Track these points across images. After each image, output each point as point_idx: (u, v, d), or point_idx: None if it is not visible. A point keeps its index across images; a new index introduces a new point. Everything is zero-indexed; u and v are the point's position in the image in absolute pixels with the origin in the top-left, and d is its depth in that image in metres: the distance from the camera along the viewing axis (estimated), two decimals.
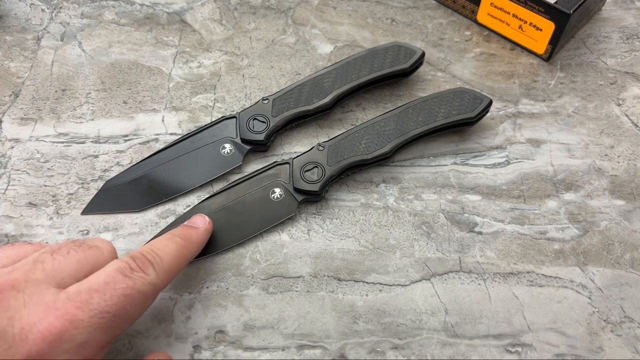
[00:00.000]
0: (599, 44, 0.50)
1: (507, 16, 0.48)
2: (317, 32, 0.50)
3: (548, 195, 0.40)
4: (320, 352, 0.34)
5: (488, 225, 0.39)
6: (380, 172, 0.42)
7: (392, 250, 0.38)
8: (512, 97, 0.46)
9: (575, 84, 0.47)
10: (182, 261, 0.32)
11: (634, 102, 0.46)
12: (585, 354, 0.34)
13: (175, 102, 0.45)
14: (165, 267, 0.30)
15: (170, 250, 0.31)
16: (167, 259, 0.31)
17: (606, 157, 0.42)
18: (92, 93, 0.45)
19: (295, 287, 0.36)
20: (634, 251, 0.38)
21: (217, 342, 0.34)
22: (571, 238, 0.38)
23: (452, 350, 0.34)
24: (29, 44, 0.49)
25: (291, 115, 0.42)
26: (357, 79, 0.43)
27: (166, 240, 0.32)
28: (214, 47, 0.49)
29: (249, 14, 0.52)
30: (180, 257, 0.32)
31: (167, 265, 0.30)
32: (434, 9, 0.52)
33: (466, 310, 0.35)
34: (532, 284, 0.36)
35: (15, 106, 0.44)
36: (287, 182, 0.39)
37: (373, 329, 0.35)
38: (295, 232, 0.39)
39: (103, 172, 0.41)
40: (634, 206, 0.40)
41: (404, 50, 0.44)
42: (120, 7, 0.52)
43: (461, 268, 0.37)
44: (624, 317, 0.35)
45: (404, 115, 0.41)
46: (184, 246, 0.32)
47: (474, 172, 0.42)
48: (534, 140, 0.43)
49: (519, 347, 0.34)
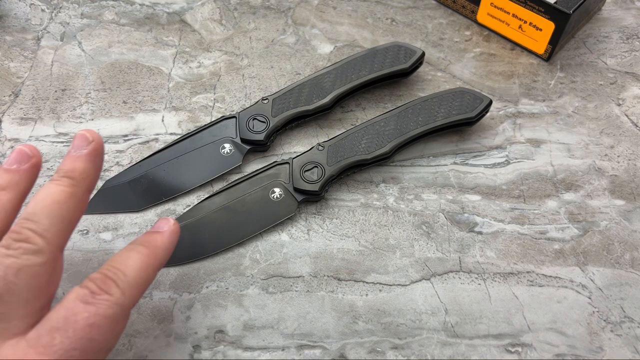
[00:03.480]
0: (599, 44, 0.50)
1: (507, 16, 0.48)
2: (317, 32, 0.50)
3: (548, 195, 0.40)
4: (320, 352, 0.34)
5: (488, 225, 0.39)
6: (380, 172, 0.42)
7: (392, 250, 0.38)
8: (512, 97, 0.46)
9: (575, 84, 0.47)
10: (149, 271, 0.28)
11: (634, 102, 0.46)
12: (585, 354, 0.34)
13: (175, 102, 0.45)
14: (131, 282, 0.27)
15: (133, 262, 0.28)
16: (132, 273, 0.27)
17: (606, 157, 0.42)
18: (92, 93, 0.45)
19: (295, 287, 0.36)
20: (634, 251, 0.38)
21: (217, 342, 0.34)
22: (571, 238, 0.38)
23: (452, 350, 0.34)
24: (29, 44, 0.49)
25: (291, 115, 0.42)
26: (357, 79, 0.43)
27: (127, 252, 0.29)
28: (214, 47, 0.49)
29: (249, 14, 0.52)
30: (146, 267, 0.28)
31: (133, 279, 0.27)
32: (434, 9, 0.52)
33: (466, 310, 0.35)
34: (532, 284, 0.36)
35: (15, 106, 0.44)
36: (287, 182, 0.39)
37: (373, 328, 0.35)
38: (295, 232, 0.39)
39: (103, 172, 0.41)
40: (634, 206, 0.40)
41: (404, 50, 0.44)
42: (120, 7, 0.52)
43: (461, 268, 0.37)
44: (624, 317, 0.35)
45: (404, 115, 0.41)
46: (149, 254, 0.29)
47: (474, 172, 0.42)
48: (534, 140, 0.43)
49: (519, 347, 0.34)
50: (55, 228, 0.27)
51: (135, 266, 0.28)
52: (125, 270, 0.27)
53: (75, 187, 0.28)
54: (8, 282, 0.25)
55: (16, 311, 0.25)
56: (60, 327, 0.25)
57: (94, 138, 0.30)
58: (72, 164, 0.29)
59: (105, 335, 0.26)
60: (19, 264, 0.25)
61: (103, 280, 0.27)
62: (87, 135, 0.30)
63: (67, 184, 0.28)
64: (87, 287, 0.26)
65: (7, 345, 0.24)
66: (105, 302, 0.26)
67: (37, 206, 0.27)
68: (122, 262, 0.28)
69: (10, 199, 0.28)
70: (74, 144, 0.29)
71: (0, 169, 0.29)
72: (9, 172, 0.28)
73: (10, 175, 0.28)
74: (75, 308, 0.25)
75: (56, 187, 0.28)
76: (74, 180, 0.28)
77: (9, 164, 0.29)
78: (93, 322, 0.25)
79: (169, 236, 0.30)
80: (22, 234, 0.26)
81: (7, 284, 0.25)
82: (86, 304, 0.25)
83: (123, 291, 0.27)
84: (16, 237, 0.26)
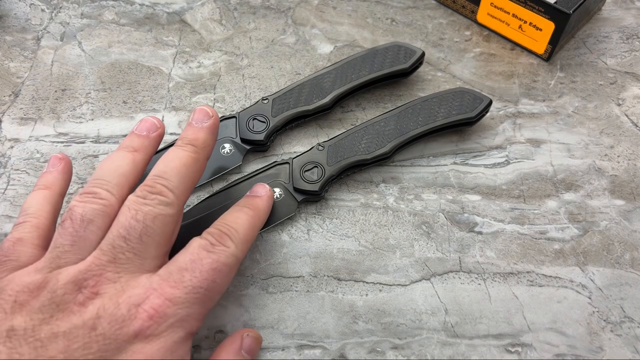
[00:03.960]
0: (599, 44, 0.50)
1: (507, 16, 0.48)
2: (317, 32, 0.50)
3: (548, 195, 0.40)
4: (320, 352, 0.34)
5: (488, 225, 0.39)
6: (380, 172, 0.42)
7: (392, 250, 0.38)
8: (512, 97, 0.46)
9: (575, 84, 0.47)
10: (254, 229, 0.33)
11: (634, 102, 0.46)
12: (585, 354, 0.34)
13: (175, 102, 0.45)
14: (242, 237, 0.31)
15: (242, 222, 0.32)
16: (242, 230, 0.32)
17: (606, 157, 0.42)
18: (92, 93, 0.45)
19: (295, 287, 0.36)
20: (634, 251, 0.38)
21: (217, 342, 0.34)
22: (571, 238, 0.38)
23: (452, 350, 0.34)
24: (28, 44, 0.49)
25: (291, 115, 0.42)
26: (357, 79, 0.43)
27: (236, 212, 0.33)
28: (214, 47, 0.49)
29: (249, 14, 0.52)
30: (252, 225, 0.33)
31: (243, 236, 0.31)
32: (434, 9, 0.52)
33: (466, 310, 0.35)
34: (532, 284, 0.36)
35: (15, 106, 0.44)
36: (286, 182, 0.39)
37: (373, 328, 0.35)
38: (295, 232, 0.39)
39: None
40: (634, 206, 0.40)
41: (403, 50, 0.44)
42: (120, 7, 0.52)
43: (461, 268, 0.37)
44: (624, 317, 0.35)
45: (404, 115, 0.41)
46: (253, 215, 0.33)
47: (473, 172, 0.42)
48: (534, 140, 0.43)
49: (519, 347, 0.34)
50: (182, 186, 0.31)
51: (244, 224, 0.32)
52: (236, 227, 0.31)
53: (198, 154, 0.32)
54: (147, 226, 0.29)
55: (150, 251, 0.29)
56: (188, 268, 0.28)
57: (214, 114, 0.34)
58: (195, 134, 0.33)
59: (224, 279, 0.29)
60: (155, 212, 0.29)
61: (220, 235, 0.30)
62: (208, 111, 0.34)
63: (191, 150, 0.32)
64: (207, 239, 0.30)
65: (143, 277, 0.28)
66: (223, 251, 0.30)
67: (167, 166, 0.31)
68: (233, 221, 0.32)
69: (142, 159, 0.33)
70: (195, 116, 0.34)
71: (132, 134, 0.34)
72: (140, 137, 0.33)
73: (141, 139, 0.33)
74: (200, 254, 0.29)
75: (183, 151, 0.32)
76: (197, 147, 0.32)
77: (140, 131, 0.34)
78: (216, 266, 0.29)
79: (267, 200, 0.35)
80: (156, 188, 0.30)
81: (145, 227, 0.29)
82: (208, 252, 0.29)
83: (237, 245, 0.31)
84: (151, 189, 0.30)
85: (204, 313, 0.29)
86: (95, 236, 0.29)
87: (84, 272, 0.27)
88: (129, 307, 0.27)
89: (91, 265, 0.28)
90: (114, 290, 0.27)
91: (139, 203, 0.29)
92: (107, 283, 0.27)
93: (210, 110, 0.34)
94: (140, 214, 0.29)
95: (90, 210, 0.29)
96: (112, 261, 0.28)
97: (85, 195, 0.30)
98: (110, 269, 0.28)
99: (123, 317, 0.26)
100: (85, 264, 0.28)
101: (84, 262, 0.28)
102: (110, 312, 0.26)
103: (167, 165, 0.31)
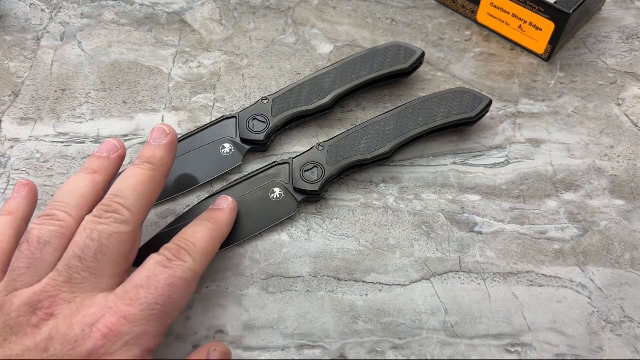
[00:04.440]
0: (599, 44, 0.50)
1: (507, 16, 0.48)
2: (317, 32, 0.50)
3: (548, 195, 0.40)
4: (320, 352, 0.34)
5: (488, 225, 0.39)
6: (380, 172, 0.42)
7: (392, 250, 0.38)
8: (512, 97, 0.46)
9: (575, 84, 0.47)
10: (214, 242, 0.33)
11: (634, 102, 0.46)
12: (585, 354, 0.34)
13: (175, 102, 0.45)
14: (200, 251, 0.31)
15: (201, 235, 0.32)
16: (200, 244, 0.32)
17: (606, 157, 0.42)
18: (92, 93, 0.45)
19: (295, 287, 0.36)
20: (634, 251, 0.38)
21: (217, 342, 0.34)
22: (571, 238, 0.38)
23: (452, 350, 0.34)
24: (28, 44, 0.49)
25: (291, 115, 0.42)
26: (357, 79, 0.43)
27: (195, 226, 0.33)
28: (214, 47, 0.49)
29: (249, 14, 0.52)
30: (211, 239, 0.33)
31: (201, 249, 0.31)
32: (434, 9, 0.52)
33: (466, 310, 0.35)
34: (532, 284, 0.36)
35: (15, 106, 0.44)
36: (286, 182, 0.39)
37: (373, 328, 0.35)
38: (295, 232, 0.39)
39: None
40: (634, 206, 0.40)
41: (403, 50, 0.44)
42: (120, 7, 0.52)
43: (461, 268, 0.37)
44: (624, 317, 0.35)
45: (404, 115, 0.41)
46: (214, 228, 0.34)
47: (473, 172, 0.42)
48: (533, 140, 0.43)
49: (519, 347, 0.34)
50: (139, 204, 0.31)
51: (203, 238, 0.32)
52: (195, 241, 0.31)
53: (155, 172, 0.32)
54: (102, 244, 0.29)
55: (106, 270, 0.29)
56: (144, 285, 0.28)
57: (171, 131, 0.34)
58: (152, 152, 0.33)
59: (181, 295, 0.29)
60: (110, 230, 0.29)
61: (177, 250, 0.31)
62: (165, 129, 0.34)
63: (148, 168, 0.32)
64: (164, 255, 0.30)
65: (99, 296, 0.28)
66: (180, 267, 0.30)
67: (123, 185, 0.31)
68: (191, 235, 0.32)
69: (102, 180, 0.33)
70: (153, 135, 0.34)
71: (93, 155, 0.34)
72: (100, 158, 0.34)
73: (101, 161, 0.33)
74: (156, 270, 0.29)
75: (140, 170, 0.32)
76: (154, 165, 0.33)
77: (100, 153, 0.34)
78: (172, 282, 0.29)
79: (229, 212, 0.36)
80: (112, 207, 0.30)
81: (100, 245, 0.29)
82: (165, 267, 0.29)
83: (194, 259, 0.31)
84: (107, 208, 0.30)
85: (161, 330, 0.29)
86: (52, 258, 0.29)
87: (39, 293, 0.27)
88: (82, 327, 0.27)
89: (46, 287, 0.28)
90: (69, 311, 0.27)
91: (94, 222, 0.29)
92: (62, 304, 0.27)
93: (168, 128, 0.34)
94: (96, 233, 0.29)
95: (47, 232, 0.29)
96: (68, 281, 0.28)
97: (43, 217, 0.30)
98: (65, 289, 0.28)
99: (76, 337, 0.26)
100: (40, 285, 0.28)
101: (40, 283, 0.28)
102: (63, 333, 0.26)
103: (124, 183, 0.31)
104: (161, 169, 0.33)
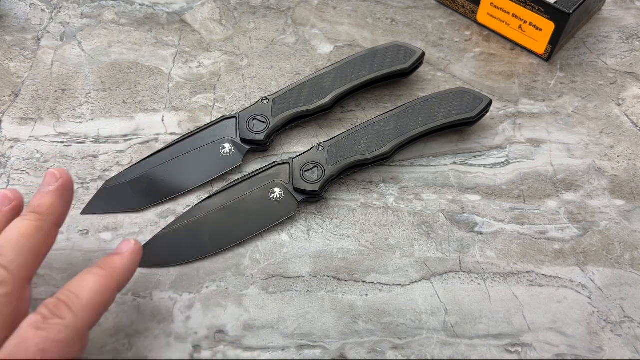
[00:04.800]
0: (599, 44, 0.50)
1: (507, 16, 0.48)
2: (317, 32, 0.50)
3: (548, 195, 0.40)
4: (320, 352, 0.34)
5: (488, 225, 0.39)
6: (380, 172, 0.42)
7: (392, 250, 0.38)
8: (512, 97, 0.46)
9: (575, 84, 0.47)
10: (106, 292, 0.29)
11: (634, 102, 0.46)
12: (585, 354, 0.34)
13: (175, 102, 0.45)
14: (84, 304, 0.28)
15: (87, 285, 0.29)
16: (86, 295, 0.28)
17: (606, 157, 0.42)
18: (92, 93, 0.45)
19: (295, 287, 0.36)
20: (634, 251, 0.38)
21: (217, 342, 0.34)
22: (571, 238, 0.38)
23: (452, 350, 0.34)
24: (28, 44, 0.49)
25: (291, 115, 0.42)
26: (357, 79, 0.43)
27: (83, 275, 0.30)
28: (214, 47, 0.49)
29: (249, 14, 0.52)
30: (101, 288, 0.29)
31: (87, 302, 0.28)
32: (434, 9, 0.52)
33: (466, 310, 0.35)
34: (532, 284, 0.36)
35: (15, 106, 0.44)
36: (286, 182, 0.39)
37: (373, 328, 0.35)
38: (295, 232, 0.39)
39: (103, 172, 0.41)
40: (634, 206, 0.40)
41: (403, 50, 0.44)
42: (120, 7, 0.52)
43: (461, 268, 0.37)
44: (624, 317, 0.35)
45: (404, 115, 0.41)
46: (105, 276, 0.30)
47: (473, 172, 0.42)
48: (533, 140, 0.43)
49: (519, 347, 0.34)
50: (20, 260, 0.28)
51: (90, 288, 0.29)
52: (79, 293, 0.28)
53: (42, 222, 0.30)
54: None
55: None
56: (12, 354, 0.25)
57: (62, 175, 0.32)
58: (39, 200, 0.31)
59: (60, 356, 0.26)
60: None
61: (56, 304, 0.27)
62: (56, 173, 0.32)
63: (34, 218, 0.30)
64: (40, 313, 0.27)
65: None
66: (56, 326, 0.26)
67: (2, 240, 0.28)
68: (77, 286, 0.29)
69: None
70: (44, 181, 0.32)
71: None
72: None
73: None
74: (27, 335, 0.26)
75: (23, 221, 0.30)
76: (41, 215, 0.30)
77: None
78: (44, 347, 0.26)
79: (128, 257, 0.31)
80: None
81: None
82: (37, 329, 0.26)
83: (76, 314, 0.27)
84: None
85: None
86: None
87: None
88: None
89: None
90: None
91: None
92: None
93: (59, 172, 0.32)
94: None
95: None
96: None
97: None
98: None
99: None
100: None
101: None
102: None
103: (4, 238, 0.29)
104: (49, 217, 0.30)
